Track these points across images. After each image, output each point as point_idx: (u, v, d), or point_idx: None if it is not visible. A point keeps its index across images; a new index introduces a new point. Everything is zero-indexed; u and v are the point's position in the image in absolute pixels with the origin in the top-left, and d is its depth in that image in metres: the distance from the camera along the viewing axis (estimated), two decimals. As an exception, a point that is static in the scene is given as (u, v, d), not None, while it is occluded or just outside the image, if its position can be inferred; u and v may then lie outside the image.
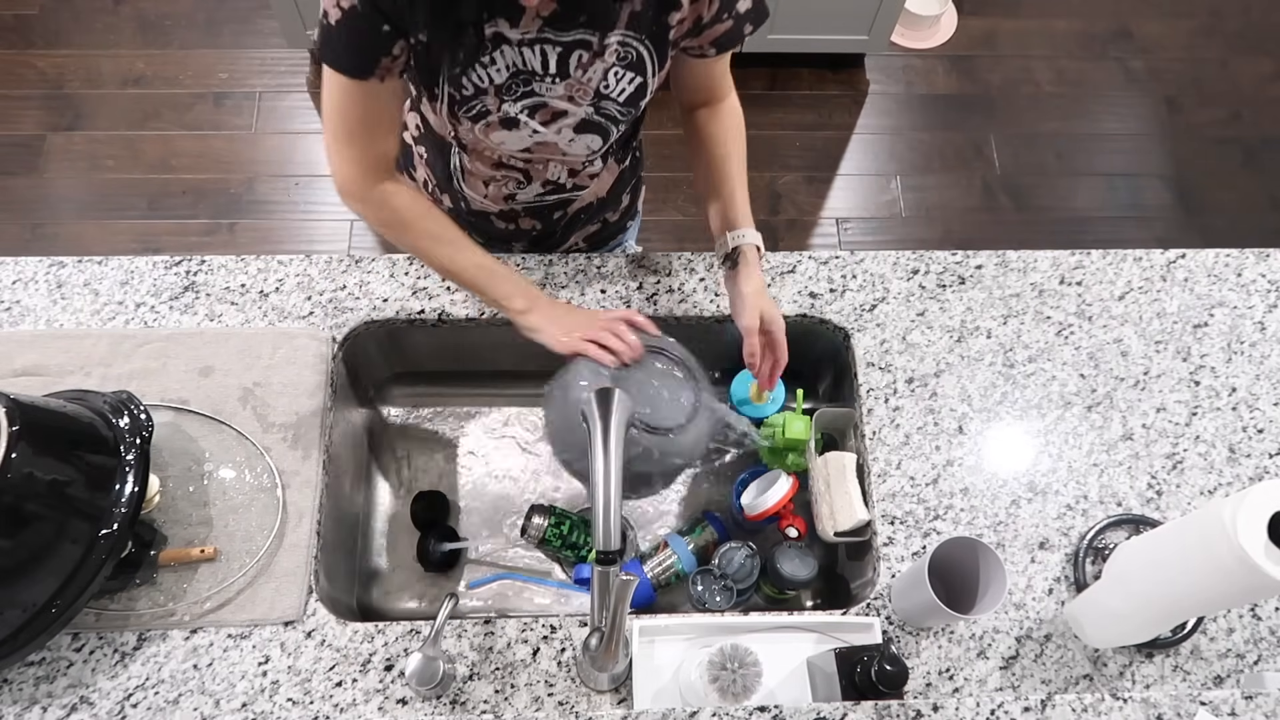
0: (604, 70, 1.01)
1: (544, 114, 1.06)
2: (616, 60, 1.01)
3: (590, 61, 1.00)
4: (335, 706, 1.05)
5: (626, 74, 1.03)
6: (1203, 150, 2.76)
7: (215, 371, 1.22)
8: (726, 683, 0.99)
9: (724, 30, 1.05)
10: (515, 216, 1.28)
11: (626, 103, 1.06)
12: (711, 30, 1.04)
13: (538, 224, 1.30)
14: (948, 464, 1.22)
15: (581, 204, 1.29)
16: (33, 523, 0.94)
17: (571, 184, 1.22)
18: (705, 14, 1.02)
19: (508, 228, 1.31)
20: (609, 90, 1.04)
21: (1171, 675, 1.11)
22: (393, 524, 1.37)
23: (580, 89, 1.03)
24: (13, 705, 1.03)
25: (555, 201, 1.25)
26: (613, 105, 1.06)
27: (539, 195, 1.23)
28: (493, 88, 1.01)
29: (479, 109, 1.04)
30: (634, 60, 1.02)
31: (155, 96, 2.63)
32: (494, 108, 1.04)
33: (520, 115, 1.05)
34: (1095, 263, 1.38)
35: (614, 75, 1.02)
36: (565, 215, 1.30)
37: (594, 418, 0.99)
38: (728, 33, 1.06)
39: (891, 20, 2.56)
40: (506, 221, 1.30)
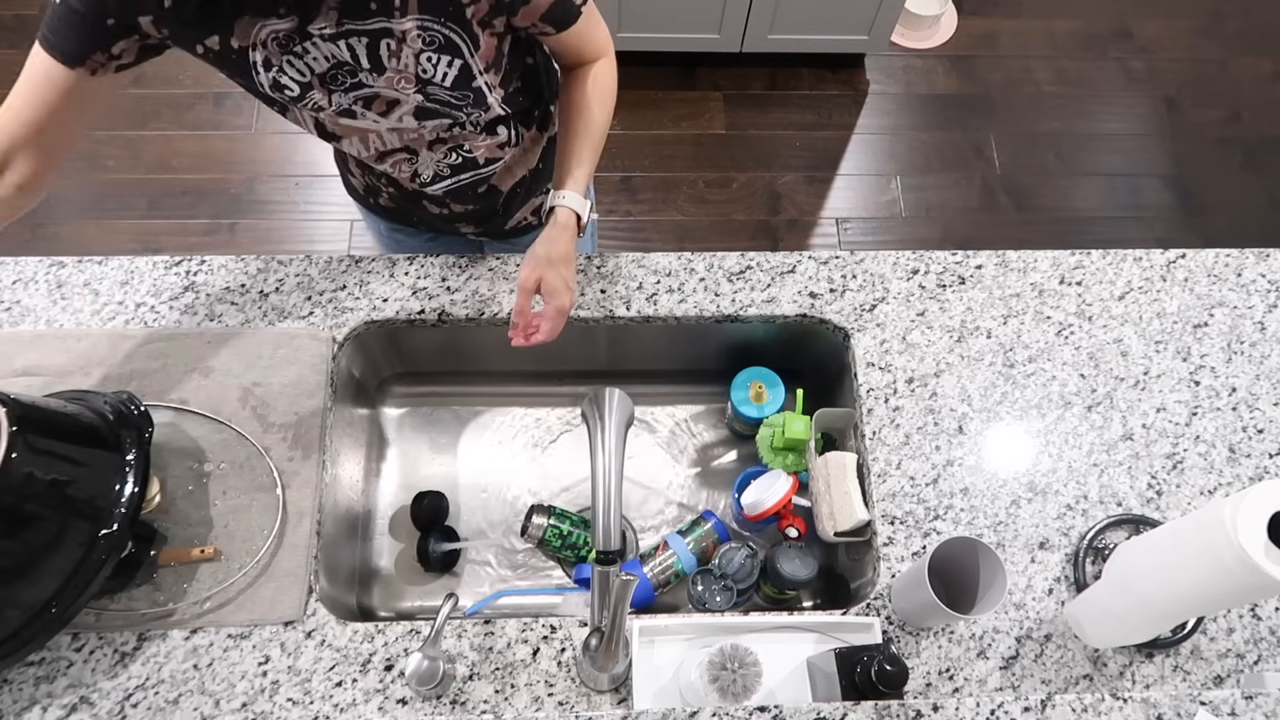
0: (414, 55, 0.98)
1: (378, 105, 1.04)
2: (424, 45, 0.98)
3: (398, 49, 0.97)
4: (335, 706, 1.05)
5: (441, 57, 0.99)
6: (1203, 150, 2.76)
7: (215, 371, 1.22)
8: (726, 683, 0.99)
9: (548, 6, 1.00)
10: (444, 201, 1.27)
11: (455, 85, 1.03)
12: (530, 7, 0.99)
13: (470, 205, 1.29)
14: (948, 464, 1.22)
15: (514, 180, 1.28)
16: (33, 523, 0.94)
17: (483, 159, 1.20)
18: None
19: (441, 212, 1.30)
20: (429, 75, 1.01)
21: (1171, 675, 1.11)
22: (393, 524, 1.37)
23: (400, 77, 1.00)
24: (13, 705, 1.03)
25: (472, 179, 1.23)
26: (440, 90, 1.03)
27: (447, 176, 1.21)
28: (315, 78, 0.99)
29: (312, 103, 1.02)
30: (442, 43, 0.98)
31: (155, 96, 2.63)
32: (325, 102, 1.02)
33: (355, 107, 1.04)
34: (1095, 263, 1.38)
35: (427, 60, 0.99)
36: (500, 195, 1.29)
37: (594, 418, 0.99)
38: (554, 7, 1.01)
39: (891, 20, 2.56)
40: (438, 206, 1.28)
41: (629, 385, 1.36)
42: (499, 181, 1.27)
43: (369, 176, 1.29)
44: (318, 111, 1.04)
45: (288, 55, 0.96)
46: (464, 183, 1.23)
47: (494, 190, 1.28)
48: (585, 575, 1.28)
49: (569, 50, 1.11)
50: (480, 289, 1.31)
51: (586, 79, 1.14)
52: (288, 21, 0.93)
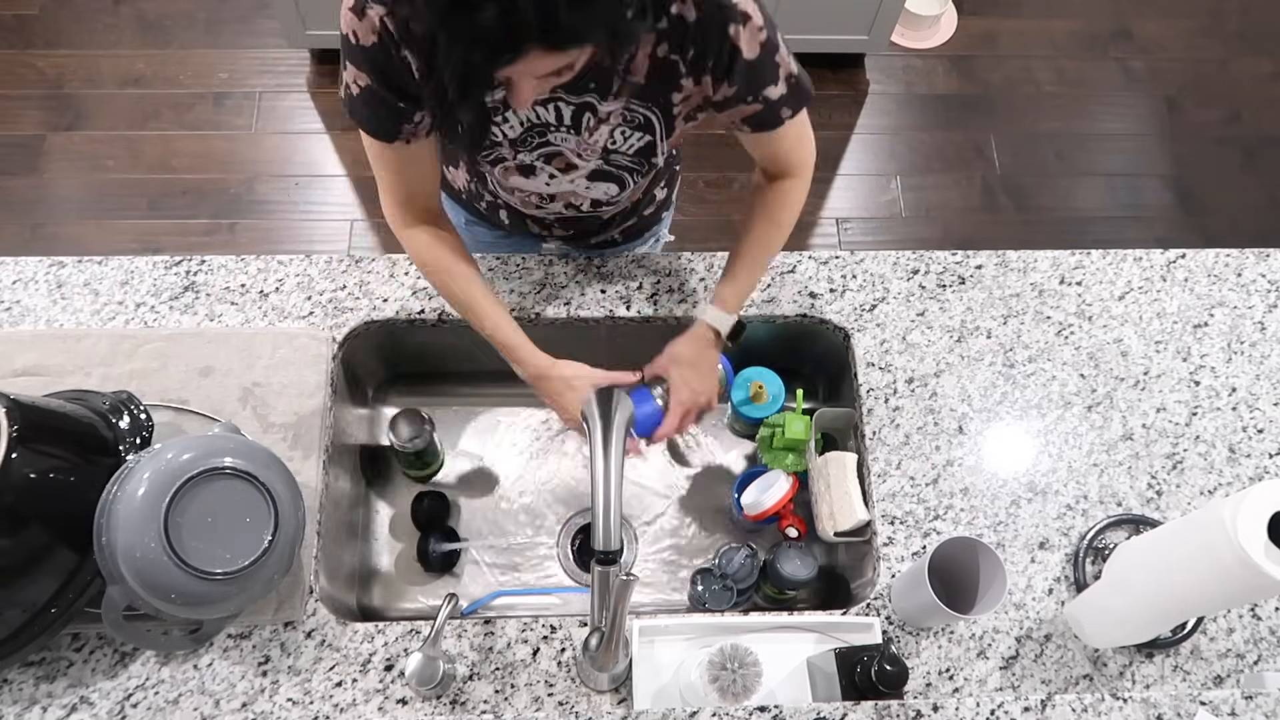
0: (610, 131, 1.03)
1: (559, 162, 1.08)
2: (623, 122, 1.02)
3: (596, 125, 1.02)
4: (335, 706, 1.05)
5: (634, 134, 1.04)
6: (1203, 150, 2.76)
7: (215, 371, 1.22)
8: (726, 683, 0.99)
9: (753, 112, 1.03)
10: (549, 224, 1.30)
11: (636, 155, 1.08)
12: (734, 111, 1.03)
13: (571, 231, 1.33)
14: (948, 464, 1.22)
15: (615, 212, 1.31)
16: (33, 523, 0.94)
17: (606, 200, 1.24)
18: (714, 95, 1.00)
19: (541, 233, 1.34)
20: (616, 146, 1.06)
21: (1171, 675, 1.11)
22: (393, 524, 1.37)
23: (588, 147, 1.06)
24: (13, 705, 1.03)
25: (588, 214, 1.27)
26: (622, 158, 1.08)
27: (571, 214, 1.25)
28: (507, 141, 1.05)
29: (495, 156, 1.08)
30: (640, 123, 1.03)
31: (155, 96, 2.63)
32: (510, 156, 1.07)
33: (536, 163, 1.08)
34: (1095, 263, 1.38)
35: (620, 134, 1.04)
36: (598, 220, 1.32)
37: (594, 418, 0.99)
38: (758, 115, 1.04)
39: (891, 20, 2.56)
40: (541, 227, 1.32)
41: (629, 385, 1.35)
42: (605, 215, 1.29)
43: (477, 185, 1.30)
44: (496, 164, 1.09)
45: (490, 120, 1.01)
46: (582, 214, 1.26)
47: (595, 218, 1.30)
48: None
49: (763, 154, 1.13)
50: (480, 289, 1.31)
51: (781, 196, 1.15)
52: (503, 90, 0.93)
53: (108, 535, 0.93)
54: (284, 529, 1.00)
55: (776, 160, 1.14)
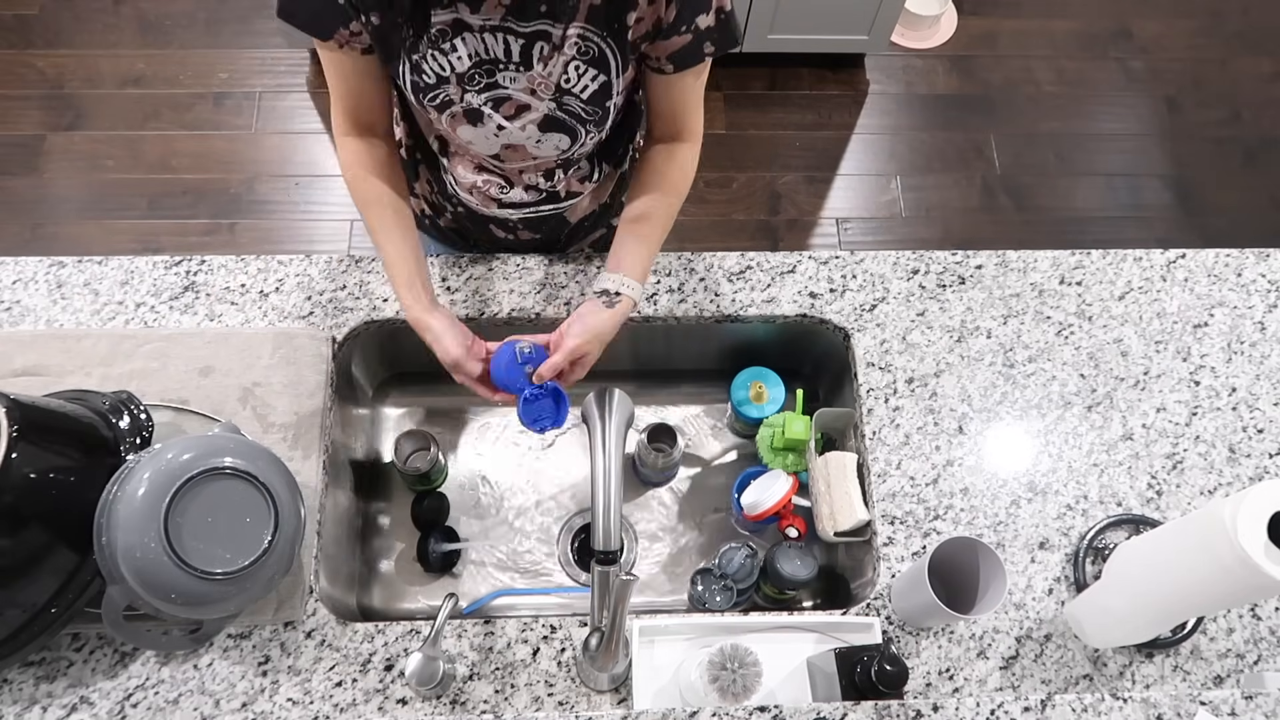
0: (564, 63, 1.01)
1: (507, 108, 1.05)
2: (577, 54, 1.00)
3: (550, 54, 1.00)
4: (335, 706, 1.05)
5: (589, 70, 1.02)
6: (1203, 150, 2.76)
7: (215, 371, 1.22)
8: (726, 683, 0.99)
9: (682, 44, 1.02)
10: (513, 227, 1.28)
11: (590, 100, 1.05)
12: (669, 41, 1.01)
13: (537, 235, 1.31)
14: (948, 464, 1.22)
15: (583, 213, 1.29)
16: (33, 523, 0.94)
17: (564, 191, 1.22)
18: (665, 17, 0.99)
19: (508, 238, 1.31)
20: (570, 84, 1.03)
21: (1171, 675, 1.11)
22: (393, 524, 1.37)
23: (542, 82, 1.02)
24: (13, 705, 1.03)
25: (550, 213, 1.25)
26: (575, 101, 1.05)
27: (529, 204, 1.23)
28: (454, 75, 1.02)
29: (442, 98, 1.04)
30: (595, 56, 1.01)
31: (155, 96, 2.63)
32: (457, 97, 1.04)
33: (484, 108, 1.05)
34: (1095, 263, 1.38)
35: (575, 69, 1.01)
36: (566, 226, 1.30)
37: (594, 418, 0.99)
38: (686, 47, 1.02)
39: (891, 20, 2.56)
40: (506, 232, 1.30)
41: (629, 385, 1.36)
42: (569, 214, 1.28)
43: (438, 195, 1.30)
44: (445, 108, 1.06)
45: (434, 49, 0.99)
46: (542, 213, 1.25)
47: (563, 222, 1.29)
48: None
49: (668, 106, 1.11)
50: (480, 289, 1.31)
51: (673, 163, 1.14)
52: (449, 13, 0.95)
53: (108, 535, 0.93)
54: (284, 529, 1.00)
55: (675, 117, 1.12)
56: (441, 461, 1.34)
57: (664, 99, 1.11)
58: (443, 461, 1.34)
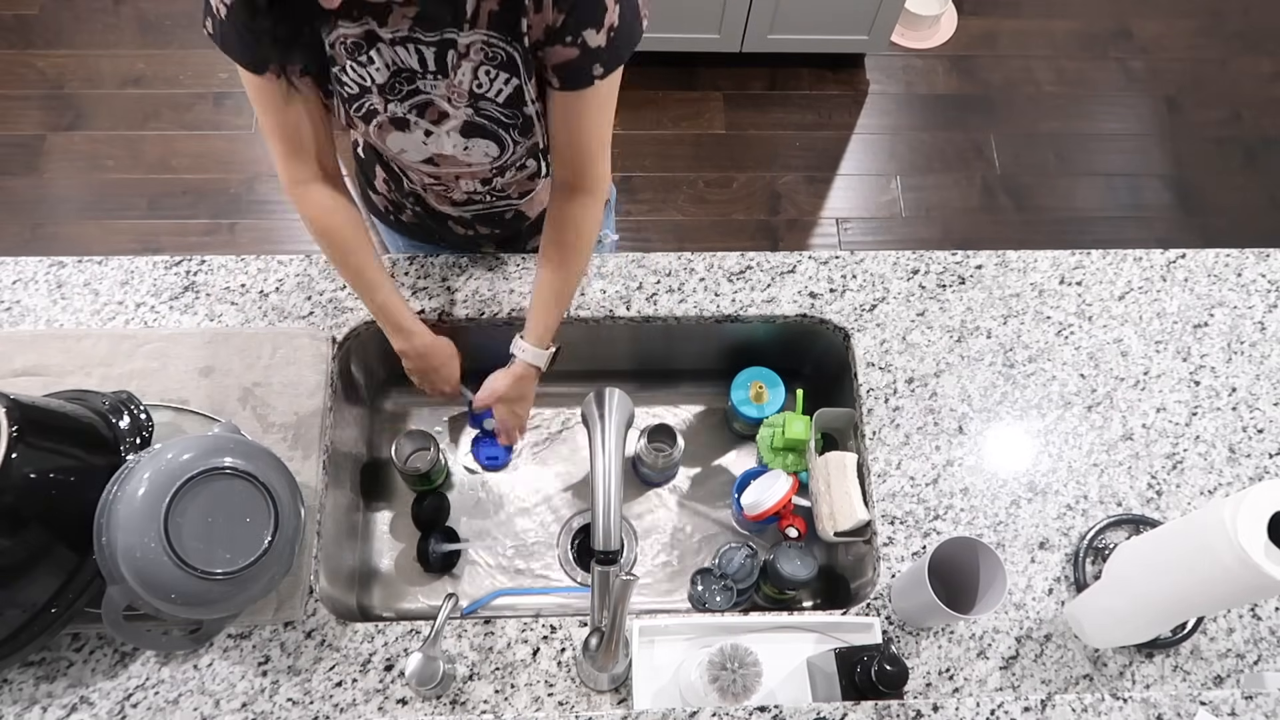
0: (473, 69, 0.99)
1: (431, 113, 1.04)
2: (485, 59, 0.99)
3: (458, 62, 0.99)
4: (335, 706, 1.05)
5: (500, 74, 1.00)
6: (1203, 150, 2.76)
7: (215, 371, 1.22)
8: (726, 683, 0.99)
9: (568, 58, 0.97)
10: (470, 223, 1.28)
11: (507, 104, 1.03)
12: (554, 49, 0.97)
13: (496, 229, 1.30)
14: (948, 464, 1.22)
15: (541, 206, 1.28)
16: (33, 523, 0.94)
17: (516, 191, 1.22)
18: (552, 23, 0.95)
19: (466, 233, 1.31)
20: (483, 90, 1.01)
21: (1171, 675, 1.11)
22: (393, 524, 1.37)
23: (455, 90, 1.02)
24: (13, 705, 1.03)
25: (505, 208, 1.25)
26: (492, 106, 1.03)
27: (482, 204, 1.23)
28: (375, 86, 1.01)
29: (367, 107, 1.04)
30: (503, 60, 0.99)
31: (155, 96, 2.63)
32: (381, 107, 1.03)
33: (409, 115, 1.04)
34: (1095, 263, 1.38)
35: (485, 74, 1.00)
36: (526, 220, 1.30)
37: (594, 418, 0.99)
38: (572, 63, 0.97)
39: (891, 20, 2.56)
40: (464, 228, 1.30)
41: (629, 385, 1.36)
42: (526, 208, 1.28)
43: (395, 193, 1.29)
44: (370, 117, 1.05)
45: (353, 60, 0.99)
46: (495, 209, 1.25)
47: (520, 215, 1.29)
48: None
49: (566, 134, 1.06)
50: (480, 289, 1.31)
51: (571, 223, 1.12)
52: (359, 25, 0.95)
53: (108, 535, 0.93)
54: (284, 529, 1.00)
55: (576, 156, 1.08)
56: (442, 461, 1.34)
57: (562, 129, 1.06)
58: (443, 461, 1.35)
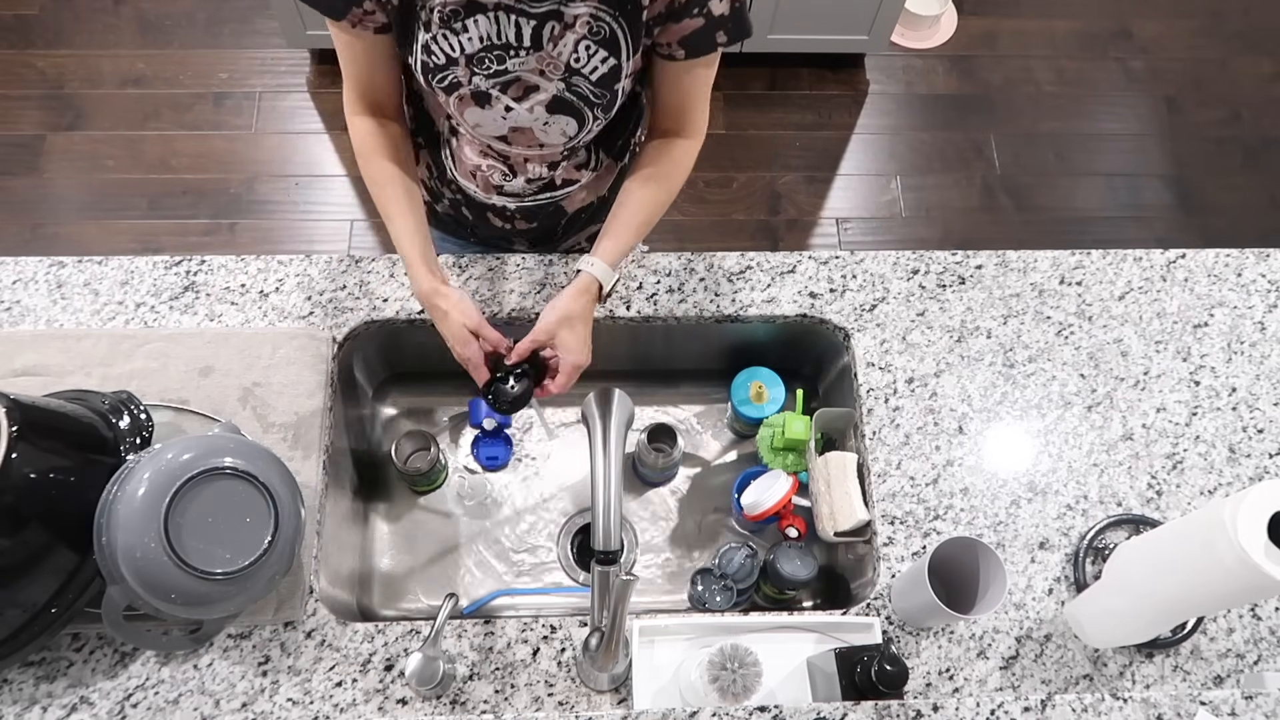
0: (575, 42, 1.00)
1: (516, 89, 1.05)
2: (588, 33, 1.00)
3: (562, 34, 0.99)
4: (335, 706, 1.05)
5: (599, 50, 1.01)
6: (1203, 150, 2.76)
7: (215, 371, 1.22)
8: (726, 683, 0.99)
9: (694, 28, 1.01)
10: (510, 216, 1.28)
11: (599, 83, 1.05)
12: (681, 24, 1.01)
13: (533, 224, 1.30)
14: (948, 464, 1.22)
15: (580, 204, 1.29)
16: (33, 523, 0.94)
17: (561, 179, 1.22)
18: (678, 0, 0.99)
19: (505, 227, 1.31)
20: (580, 65, 1.03)
21: (1171, 675, 1.11)
22: (393, 524, 1.37)
23: (551, 62, 1.02)
24: (13, 705, 1.03)
25: (547, 201, 1.25)
26: (584, 83, 1.05)
27: (529, 192, 1.23)
28: (463, 57, 1.02)
29: (451, 79, 1.04)
30: (606, 36, 1.00)
31: (155, 96, 2.63)
32: (465, 79, 1.04)
33: (492, 90, 1.05)
34: (1095, 263, 1.38)
35: (585, 49, 1.01)
36: (564, 216, 1.30)
37: (594, 418, 0.99)
38: (698, 32, 1.01)
39: (891, 20, 2.56)
40: (503, 220, 1.30)
41: (629, 385, 1.36)
42: (566, 204, 1.28)
43: (435, 180, 1.30)
44: (453, 89, 1.06)
45: (445, 29, 0.99)
46: (540, 201, 1.25)
47: (560, 211, 1.29)
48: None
49: (674, 98, 1.11)
50: (480, 289, 1.31)
51: (670, 156, 1.15)
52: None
53: (108, 535, 0.93)
54: (284, 529, 1.00)
55: (682, 110, 1.12)
56: (442, 461, 1.34)
57: (672, 90, 1.10)
58: (443, 461, 1.35)
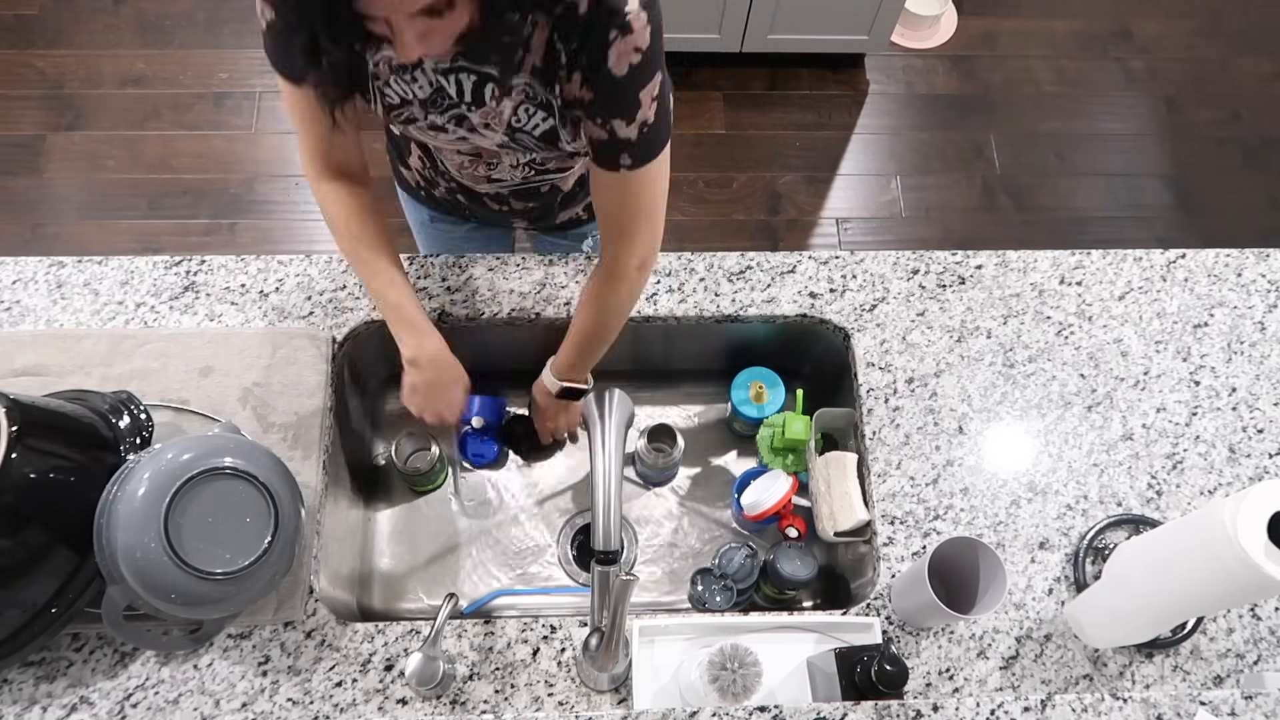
0: (513, 106, 1.02)
1: (467, 125, 1.07)
2: (526, 99, 1.01)
3: (500, 96, 1.01)
4: (335, 706, 1.05)
5: (538, 112, 1.01)
6: (1203, 150, 2.76)
7: (215, 371, 1.22)
8: (726, 683, 0.99)
9: (598, 138, 0.99)
10: (505, 199, 1.29)
11: (542, 139, 1.05)
12: (587, 126, 0.99)
13: (530, 203, 1.30)
14: (948, 464, 1.22)
15: (574, 178, 1.29)
16: (33, 523, 0.94)
17: (555, 166, 1.22)
18: (580, 96, 0.97)
19: (501, 209, 1.32)
20: (521, 124, 1.04)
21: (1171, 675, 1.11)
22: (393, 524, 1.37)
23: (494, 117, 1.03)
24: (13, 705, 1.03)
25: (541, 182, 1.25)
26: (527, 138, 1.05)
27: (517, 179, 1.23)
28: (417, 101, 1.04)
29: (407, 115, 1.06)
30: (542, 102, 1.01)
31: (155, 96, 2.63)
32: (420, 116, 1.06)
33: (448, 125, 1.07)
34: (1095, 263, 1.38)
35: (524, 111, 1.02)
36: (560, 193, 1.30)
37: (594, 418, 0.99)
38: (602, 144, 0.99)
39: (891, 20, 2.56)
40: (499, 204, 1.30)
41: (629, 385, 1.36)
42: (562, 182, 1.28)
43: (429, 170, 1.30)
44: (409, 123, 1.08)
45: (397, 78, 1.01)
46: (531, 184, 1.25)
47: (555, 189, 1.29)
48: None
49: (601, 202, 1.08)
50: (480, 289, 1.31)
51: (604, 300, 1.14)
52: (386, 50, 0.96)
53: (108, 535, 0.93)
54: (284, 529, 1.00)
55: (610, 220, 1.08)
56: (442, 462, 1.34)
57: (596, 191, 1.07)
58: (443, 462, 1.35)
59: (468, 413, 1.35)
